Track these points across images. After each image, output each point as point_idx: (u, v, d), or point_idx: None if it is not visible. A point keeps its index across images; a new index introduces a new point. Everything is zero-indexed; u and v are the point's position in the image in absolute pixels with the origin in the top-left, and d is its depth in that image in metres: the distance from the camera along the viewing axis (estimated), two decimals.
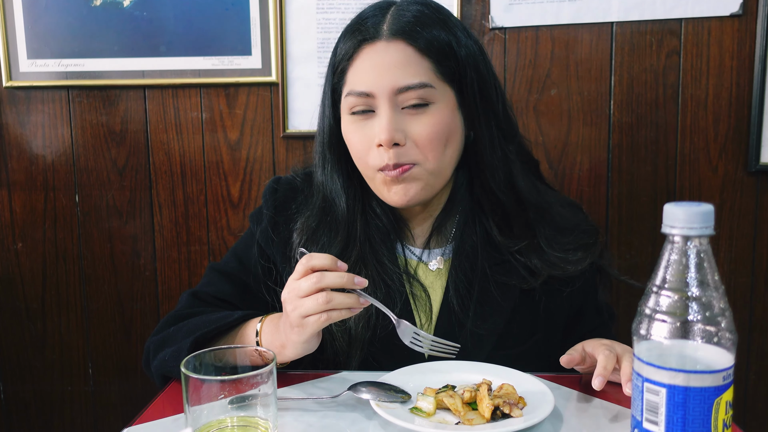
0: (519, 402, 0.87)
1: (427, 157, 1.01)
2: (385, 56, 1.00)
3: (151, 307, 1.80)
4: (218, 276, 1.14)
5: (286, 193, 1.15)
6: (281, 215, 1.13)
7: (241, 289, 1.13)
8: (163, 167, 1.76)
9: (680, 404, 0.57)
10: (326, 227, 1.08)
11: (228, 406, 0.81)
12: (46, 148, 1.77)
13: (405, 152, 1.00)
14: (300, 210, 1.12)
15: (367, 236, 1.08)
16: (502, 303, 1.07)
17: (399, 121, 1.00)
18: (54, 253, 1.80)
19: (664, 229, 0.60)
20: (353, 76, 1.02)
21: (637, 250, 1.68)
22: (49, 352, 1.84)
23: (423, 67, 1.00)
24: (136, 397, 1.82)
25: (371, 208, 1.11)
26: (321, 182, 1.11)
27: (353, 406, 0.91)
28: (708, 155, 1.64)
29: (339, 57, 1.05)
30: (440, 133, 1.01)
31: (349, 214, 1.08)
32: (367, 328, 1.04)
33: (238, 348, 0.84)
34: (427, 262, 1.11)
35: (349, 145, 1.05)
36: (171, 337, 1.03)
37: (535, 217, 1.09)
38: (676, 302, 0.58)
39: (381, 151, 1.00)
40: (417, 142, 1.00)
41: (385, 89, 0.99)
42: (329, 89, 1.07)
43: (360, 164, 1.05)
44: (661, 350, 0.59)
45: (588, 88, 1.65)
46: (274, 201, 1.14)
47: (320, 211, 1.09)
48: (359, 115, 1.02)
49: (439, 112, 1.01)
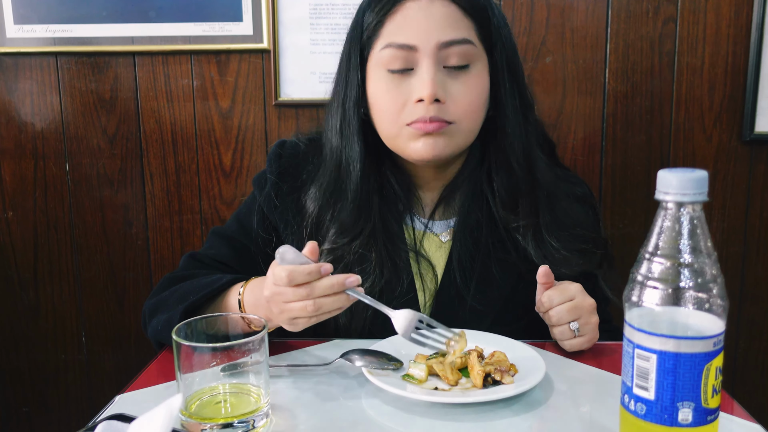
0: (510, 369, 0.87)
1: (465, 117, 1.01)
2: (428, 11, 0.99)
3: (144, 277, 1.80)
4: (219, 239, 1.14)
5: (291, 159, 1.14)
6: (285, 181, 1.12)
7: (241, 252, 1.12)
8: (154, 135, 1.74)
9: (670, 370, 0.57)
10: (340, 195, 1.07)
11: (220, 374, 0.81)
12: (35, 115, 1.75)
13: (445, 109, 0.99)
14: (310, 178, 1.10)
15: (380, 213, 1.07)
16: (501, 280, 1.07)
17: (441, 79, 0.99)
18: (45, 222, 1.79)
19: (658, 195, 0.60)
20: (392, 30, 1.00)
21: (631, 219, 1.68)
22: (43, 321, 1.84)
23: (465, 25, 1.00)
24: (129, 366, 1.83)
25: (386, 178, 1.09)
26: (337, 147, 1.07)
27: (345, 373, 0.92)
28: (702, 124, 1.63)
29: (371, 14, 1.02)
30: (479, 95, 1.02)
31: (363, 182, 1.06)
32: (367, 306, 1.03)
33: (230, 315, 0.83)
34: (434, 232, 1.11)
35: (379, 102, 1.03)
36: (163, 302, 1.03)
37: (542, 199, 1.08)
38: (668, 269, 0.58)
39: (419, 106, 0.99)
40: (457, 102, 1.00)
41: (429, 42, 0.98)
42: (356, 49, 1.04)
43: (387, 122, 1.03)
44: (652, 317, 0.59)
45: (583, 56, 1.63)
46: (279, 166, 1.13)
47: (334, 180, 1.07)
48: (396, 74, 1.00)
49: (478, 74, 1.02)
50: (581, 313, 0.93)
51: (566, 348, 0.96)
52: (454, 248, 1.08)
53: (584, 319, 0.94)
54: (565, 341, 0.95)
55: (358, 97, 1.05)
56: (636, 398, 0.59)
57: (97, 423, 0.70)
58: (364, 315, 1.04)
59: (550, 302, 0.94)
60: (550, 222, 1.07)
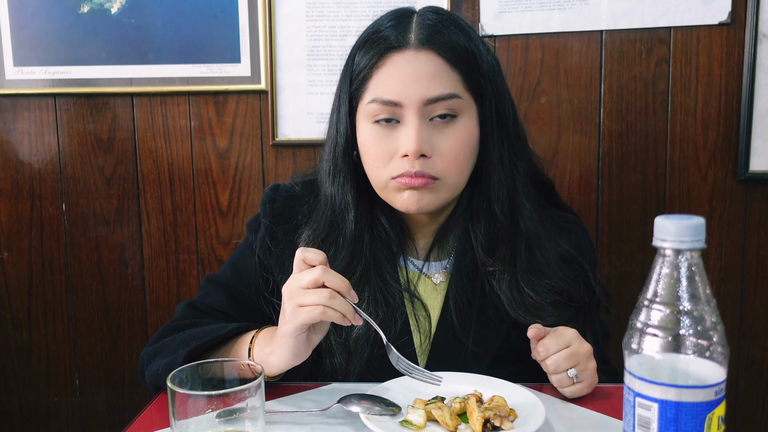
0: (510, 414, 0.86)
1: (452, 171, 1.00)
2: (414, 65, 0.98)
3: (139, 317, 1.79)
4: (214, 287, 1.13)
5: (285, 202, 1.14)
6: (279, 225, 1.11)
7: (237, 300, 1.11)
8: (151, 175, 1.74)
9: (672, 419, 0.57)
10: (333, 241, 1.06)
11: (215, 420, 0.80)
12: (32, 156, 1.75)
13: (431, 164, 0.99)
14: (305, 221, 1.10)
15: (372, 253, 1.06)
16: (498, 323, 1.06)
17: (427, 133, 0.99)
18: (40, 262, 1.78)
19: (655, 242, 0.59)
20: (378, 84, 1.00)
21: (627, 258, 1.68)
22: (35, 362, 1.81)
23: (452, 79, 0.99)
24: (123, 408, 1.80)
25: (378, 221, 1.09)
26: (330, 194, 1.08)
27: (343, 418, 0.90)
28: (697, 163, 1.64)
29: (360, 65, 1.02)
30: (467, 148, 1.01)
31: (356, 228, 1.06)
32: (366, 344, 1.02)
33: (226, 361, 0.82)
34: (428, 274, 1.10)
35: (367, 153, 1.03)
36: (164, 348, 1.01)
37: (522, 247, 1.06)
38: (667, 316, 0.58)
39: (405, 161, 0.99)
40: (444, 155, 0.99)
41: (414, 99, 0.97)
42: (345, 97, 1.05)
43: (375, 173, 1.03)
44: (652, 365, 0.58)
45: (578, 96, 1.65)
46: (272, 210, 1.13)
47: (328, 224, 1.07)
48: (383, 125, 1.00)
49: (466, 125, 1.01)
50: (579, 359, 0.92)
51: (566, 395, 0.95)
52: (450, 291, 1.07)
53: (582, 365, 0.93)
54: (565, 388, 0.94)
55: (348, 144, 1.06)
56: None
57: None
58: (360, 356, 1.03)
59: (547, 351, 0.93)
60: (527, 270, 1.05)
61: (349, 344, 1.02)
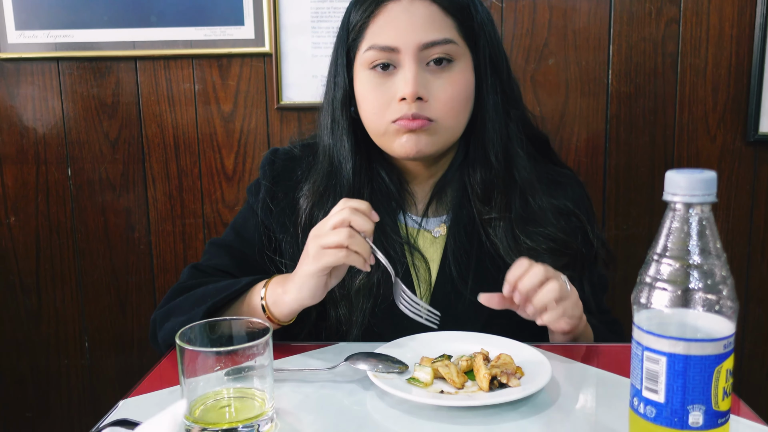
0: (516, 372, 0.87)
1: (448, 114, 1.03)
2: (409, 12, 1.01)
3: (147, 281, 1.80)
4: (218, 249, 1.14)
5: (285, 164, 1.16)
6: (279, 186, 1.13)
7: (240, 260, 1.12)
8: (156, 140, 1.73)
9: (680, 372, 0.57)
10: (332, 192, 1.09)
11: (224, 378, 0.80)
12: (36, 120, 1.74)
13: (427, 108, 1.01)
14: (305, 177, 1.13)
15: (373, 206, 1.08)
16: (496, 273, 1.07)
17: (423, 77, 1.01)
18: (47, 227, 1.79)
19: (666, 197, 0.59)
20: (375, 32, 1.02)
21: (635, 221, 1.67)
22: (45, 326, 1.83)
23: (447, 25, 1.02)
24: (132, 371, 1.82)
25: (378, 175, 1.11)
26: (328, 145, 1.10)
27: (350, 376, 0.91)
28: (706, 125, 1.63)
29: (356, 16, 1.04)
30: (462, 92, 1.03)
31: (355, 179, 1.09)
32: (368, 297, 1.05)
33: (234, 320, 0.83)
34: (427, 229, 1.12)
35: (366, 101, 1.05)
36: (177, 308, 1.03)
37: (516, 195, 1.08)
38: (677, 270, 0.58)
39: (402, 104, 1.01)
40: (439, 99, 1.02)
41: (410, 44, 1.00)
42: (343, 50, 1.07)
43: (373, 120, 1.05)
44: (661, 319, 0.58)
45: (586, 58, 1.63)
46: (272, 172, 1.15)
47: (327, 175, 1.10)
48: (379, 72, 1.03)
49: (461, 71, 1.03)
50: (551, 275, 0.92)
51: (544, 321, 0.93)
52: (449, 243, 1.09)
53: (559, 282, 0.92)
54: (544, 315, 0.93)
55: (346, 97, 1.08)
56: (645, 401, 0.59)
57: (101, 429, 0.69)
58: (363, 308, 1.05)
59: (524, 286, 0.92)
60: (522, 218, 1.07)
61: (351, 295, 1.05)
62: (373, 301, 1.05)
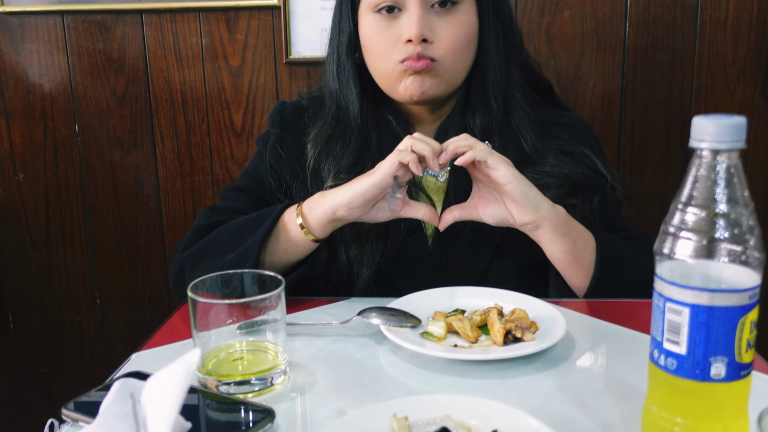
0: (531, 326, 0.86)
1: (450, 55, 1.04)
2: None
3: (156, 238, 1.79)
4: (232, 193, 1.16)
5: (293, 112, 1.18)
6: (288, 133, 1.15)
7: (255, 202, 1.13)
8: (164, 95, 1.71)
9: (704, 324, 0.55)
10: (340, 136, 1.10)
11: (237, 332, 0.80)
12: (42, 76, 1.72)
13: (432, 49, 1.02)
14: (311, 123, 1.14)
15: (380, 151, 1.09)
16: None
17: (428, 19, 1.02)
18: (56, 184, 1.78)
19: (692, 143, 0.57)
20: None
21: (649, 178, 1.65)
22: (56, 282, 1.84)
23: None
24: (144, 327, 1.84)
25: (384, 117, 1.12)
26: (335, 90, 1.12)
27: (363, 331, 0.91)
28: (725, 79, 1.59)
29: None
30: (465, 35, 1.05)
31: (362, 122, 1.10)
32: (378, 239, 1.06)
33: (246, 272, 0.82)
34: (432, 174, 1.13)
35: (371, 44, 1.06)
36: (211, 247, 1.03)
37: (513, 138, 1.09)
38: (702, 219, 0.56)
39: (408, 46, 1.02)
40: (443, 40, 1.03)
41: None
42: None
43: (379, 63, 1.06)
44: (684, 269, 0.56)
45: (602, 10, 1.58)
46: (281, 120, 1.17)
47: (334, 119, 1.11)
48: (384, 14, 1.04)
49: (465, 13, 1.04)
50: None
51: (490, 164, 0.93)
52: (451, 185, 1.10)
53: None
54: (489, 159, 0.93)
55: (351, 42, 1.09)
56: (666, 353, 0.58)
57: (113, 380, 0.69)
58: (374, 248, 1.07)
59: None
60: (520, 162, 1.05)
61: (363, 236, 1.06)
62: (384, 242, 1.07)
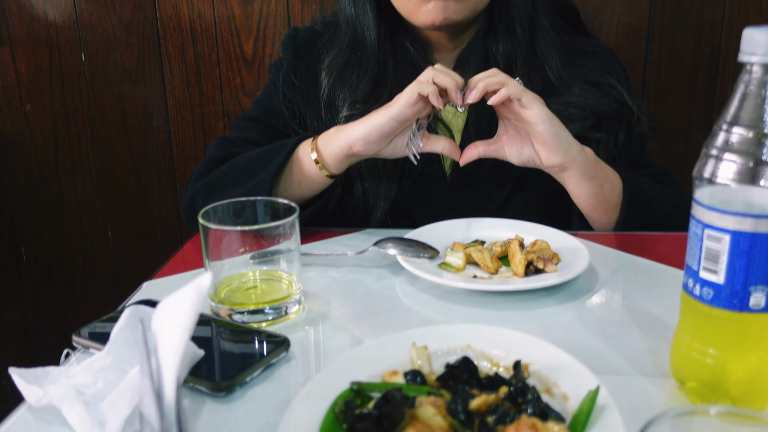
0: (553, 258, 0.83)
1: None
2: None
3: (167, 170, 1.76)
4: (244, 123, 1.13)
5: (306, 39, 1.13)
6: (301, 60, 1.11)
7: (268, 132, 1.10)
8: (171, 23, 1.65)
9: (745, 252, 0.52)
10: (356, 63, 1.06)
11: (250, 261, 0.78)
12: (46, 2, 1.66)
13: None
14: (326, 50, 1.09)
15: (398, 79, 1.05)
16: None
17: None
18: (64, 115, 1.74)
19: (741, 57, 0.52)
20: None
21: (674, 111, 1.59)
22: (67, 214, 1.82)
23: None
24: (155, 259, 1.82)
25: (401, 44, 1.08)
26: (350, 15, 1.07)
27: (379, 261, 0.88)
28: (759, 7, 1.50)
29: None
30: None
31: (379, 50, 1.06)
32: (395, 168, 1.04)
33: (259, 200, 0.79)
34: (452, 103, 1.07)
35: None
36: (223, 178, 1.00)
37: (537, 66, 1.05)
38: (749, 140, 0.52)
39: None
40: None
41: None
42: None
43: None
44: (726, 194, 0.53)
45: None
46: (294, 47, 1.13)
47: (349, 46, 1.07)
48: None
49: None
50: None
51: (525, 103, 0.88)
52: (470, 115, 1.07)
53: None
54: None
55: None
56: (702, 282, 0.55)
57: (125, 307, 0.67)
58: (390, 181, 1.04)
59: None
60: (543, 90, 1.01)
61: (379, 167, 1.03)
62: (401, 175, 1.04)
